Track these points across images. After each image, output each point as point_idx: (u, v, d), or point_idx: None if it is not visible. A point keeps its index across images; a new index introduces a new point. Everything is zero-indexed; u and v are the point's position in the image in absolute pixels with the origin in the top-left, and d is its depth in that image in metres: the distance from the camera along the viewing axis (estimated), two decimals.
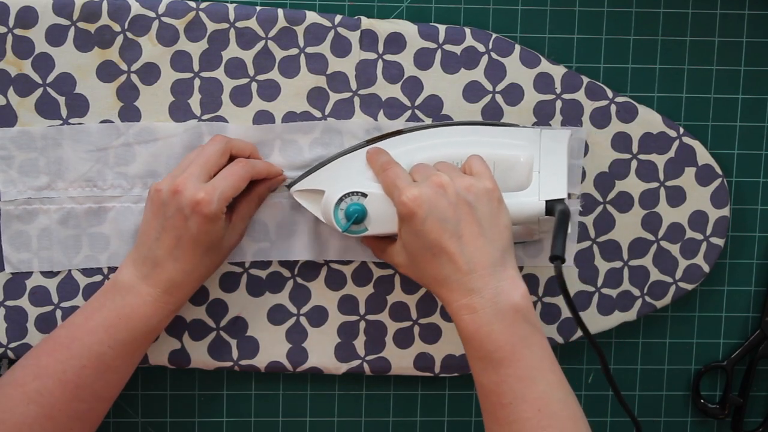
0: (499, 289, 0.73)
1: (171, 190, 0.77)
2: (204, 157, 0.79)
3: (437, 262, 0.75)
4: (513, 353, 0.72)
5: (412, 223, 0.75)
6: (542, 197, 0.79)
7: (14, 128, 0.83)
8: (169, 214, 0.77)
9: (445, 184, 0.75)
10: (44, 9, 0.82)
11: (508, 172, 0.81)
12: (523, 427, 0.71)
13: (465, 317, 0.74)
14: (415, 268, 0.77)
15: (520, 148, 0.82)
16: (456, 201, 0.74)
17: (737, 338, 0.92)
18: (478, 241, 0.74)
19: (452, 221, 0.74)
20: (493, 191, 0.76)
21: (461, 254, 0.74)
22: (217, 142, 0.80)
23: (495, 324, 0.73)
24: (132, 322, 0.78)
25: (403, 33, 0.84)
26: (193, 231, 0.77)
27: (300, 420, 0.91)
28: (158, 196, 0.78)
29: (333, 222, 0.80)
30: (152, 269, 0.78)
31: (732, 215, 0.90)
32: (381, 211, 0.79)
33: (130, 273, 0.79)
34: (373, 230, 0.80)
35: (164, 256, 0.78)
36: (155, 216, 0.78)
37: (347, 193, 0.80)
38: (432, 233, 0.74)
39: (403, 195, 0.75)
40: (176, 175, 0.78)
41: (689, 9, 0.87)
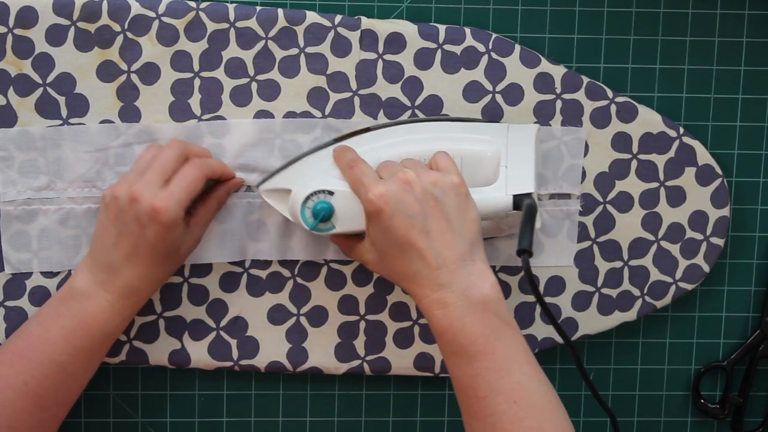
0: (469, 283, 0.73)
1: (128, 197, 0.76)
2: (160, 162, 0.78)
3: (406, 258, 0.74)
4: (486, 346, 0.72)
5: (380, 220, 0.75)
6: (509, 192, 0.79)
7: (14, 129, 0.83)
8: (126, 221, 0.77)
9: (411, 180, 0.75)
10: (44, 9, 0.82)
11: (476, 167, 0.81)
12: (500, 419, 0.71)
13: (436, 312, 0.74)
14: (385, 265, 0.77)
15: (487, 143, 0.82)
16: (422, 196, 0.74)
17: (737, 338, 0.92)
18: (446, 236, 0.74)
19: (419, 217, 0.74)
20: (459, 185, 0.76)
21: (430, 249, 0.74)
22: (174, 147, 0.80)
23: (467, 317, 0.73)
24: (91, 329, 0.78)
25: (403, 33, 0.84)
26: (151, 239, 0.77)
27: (300, 420, 0.91)
28: (115, 203, 0.77)
29: (300, 221, 0.80)
30: (109, 275, 0.78)
31: (732, 215, 0.90)
32: (348, 209, 0.79)
33: (86, 279, 0.78)
34: (340, 228, 0.80)
35: (121, 262, 0.77)
36: (112, 222, 0.77)
37: (314, 191, 0.80)
38: (400, 229, 0.74)
39: (370, 192, 0.75)
40: (132, 181, 0.78)
41: (689, 9, 0.87)
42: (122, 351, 0.86)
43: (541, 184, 0.86)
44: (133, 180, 0.78)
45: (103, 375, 0.89)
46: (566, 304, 0.89)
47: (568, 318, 0.89)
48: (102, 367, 0.89)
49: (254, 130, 0.84)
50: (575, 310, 0.89)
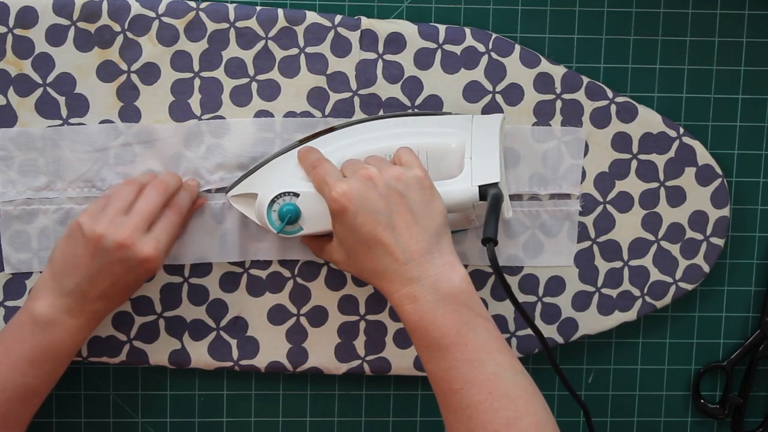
0: (438, 276, 0.73)
1: (115, 242, 0.76)
2: (148, 209, 0.78)
3: (374, 255, 0.74)
4: (459, 337, 0.72)
5: (345, 219, 0.75)
6: (475, 182, 0.78)
7: (14, 129, 0.83)
8: (110, 261, 0.76)
9: (373, 177, 0.75)
10: (44, 9, 0.82)
11: (441, 159, 0.81)
12: (476, 411, 0.71)
13: (407, 307, 0.74)
14: (354, 263, 0.77)
15: (452, 136, 0.81)
16: (386, 192, 0.74)
17: (737, 338, 0.92)
18: (412, 230, 0.74)
19: (384, 212, 0.74)
20: (423, 179, 0.76)
21: (397, 244, 0.74)
22: (161, 192, 0.80)
23: (438, 310, 0.73)
24: (55, 353, 0.78)
25: (403, 33, 0.84)
26: (131, 281, 0.78)
27: (300, 420, 0.91)
28: (99, 242, 0.76)
29: (267, 224, 0.80)
30: (77, 303, 0.77)
31: (732, 215, 0.90)
32: (314, 210, 0.79)
33: (50, 305, 0.77)
34: (308, 229, 0.80)
35: (96, 295, 0.77)
36: (90, 257, 0.77)
37: (279, 194, 0.79)
38: (365, 226, 0.74)
39: (333, 191, 0.75)
40: (119, 222, 0.77)
41: (689, 9, 0.87)
42: (122, 351, 0.87)
43: (541, 184, 0.86)
44: (118, 220, 0.77)
45: (103, 375, 0.89)
46: (566, 304, 0.89)
47: (568, 318, 0.89)
48: (102, 367, 0.89)
49: (254, 130, 0.84)
50: (575, 310, 0.89)
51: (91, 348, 0.86)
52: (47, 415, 0.89)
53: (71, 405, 0.89)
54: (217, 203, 0.85)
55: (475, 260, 0.87)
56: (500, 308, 0.88)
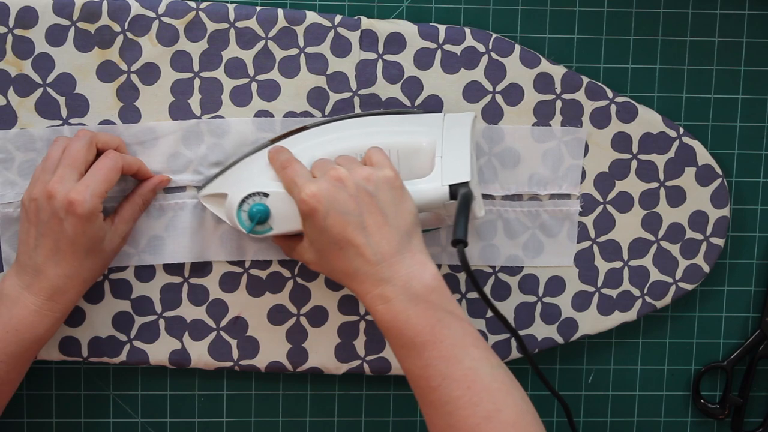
0: (409, 275, 0.73)
1: (45, 195, 0.76)
2: (71, 156, 0.78)
3: (345, 256, 0.74)
4: (433, 335, 0.72)
5: (315, 220, 0.75)
6: (445, 182, 0.78)
7: (14, 129, 0.83)
8: (45, 219, 0.77)
9: (343, 177, 0.74)
10: (44, 9, 0.82)
11: (412, 159, 0.80)
12: (455, 406, 0.71)
13: (379, 308, 0.74)
14: (325, 264, 0.77)
15: (422, 134, 0.80)
16: (356, 192, 0.74)
17: (737, 338, 0.92)
18: (383, 230, 0.74)
19: (354, 213, 0.74)
20: (393, 179, 0.75)
21: (367, 245, 0.74)
22: (81, 137, 0.80)
23: (410, 309, 0.73)
24: (20, 334, 0.77)
25: (403, 33, 0.84)
26: (70, 233, 0.77)
27: (300, 420, 0.91)
28: (33, 204, 0.77)
29: (237, 224, 0.79)
30: (34, 277, 0.77)
31: (732, 215, 0.90)
32: (284, 210, 0.78)
33: (12, 283, 0.78)
34: (278, 229, 0.79)
35: (44, 262, 0.77)
36: (32, 224, 0.77)
37: (249, 194, 0.79)
38: (335, 227, 0.74)
39: (302, 192, 0.75)
40: (45, 180, 0.77)
41: (689, 9, 0.87)
42: (122, 351, 0.87)
43: (540, 184, 0.86)
44: (45, 178, 0.78)
45: (103, 375, 0.89)
46: (566, 304, 0.89)
47: (568, 318, 0.89)
48: (102, 367, 0.89)
49: (254, 130, 0.84)
50: (575, 310, 0.89)
51: (91, 348, 0.86)
52: (47, 416, 0.89)
53: (71, 405, 0.89)
54: None
55: (475, 261, 0.87)
56: (501, 308, 0.88)
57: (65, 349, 0.86)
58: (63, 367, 0.89)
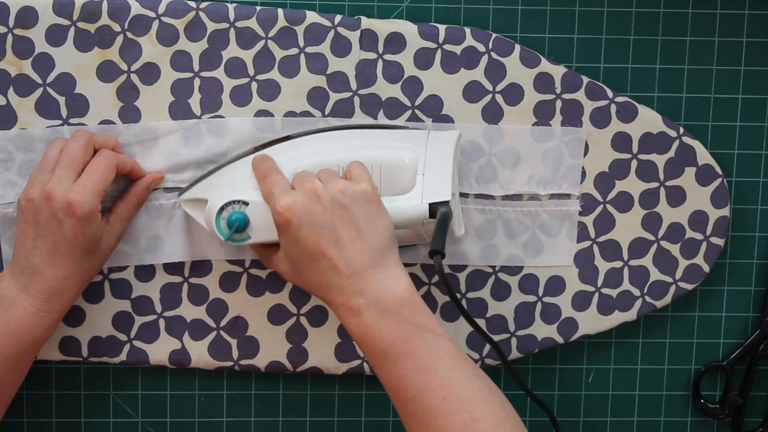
0: (381, 288, 0.73)
1: (43, 196, 0.76)
2: (68, 156, 0.78)
3: (318, 268, 0.74)
4: (407, 346, 0.72)
5: (289, 232, 0.75)
6: (425, 200, 0.78)
7: (14, 129, 0.83)
8: (43, 220, 0.77)
9: (318, 191, 0.75)
10: (44, 9, 0.82)
11: (394, 174, 0.80)
12: (432, 416, 0.71)
13: (351, 320, 0.74)
14: (299, 275, 0.77)
15: (406, 150, 0.81)
16: (331, 206, 0.74)
17: (737, 338, 0.92)
18: (356, 244, 0.74)
19: (328, 226, 0.74)
20: (369, 193, 0.75)
21: (340, 258, 0.74)
22: (79, 138, 0.80)
23: (382, 322, 0.73)
24: (18, 336, 0.77)
25: (403, 33, 0.84)
26: (69, 234, 0.77)
27: (300, 420, 0.91)
28: (30, 204, 0.77)
29: (215, 230, 0.79)
30: (31, 278, 0.77)
31: (732, 215, 0.90)
32: (263, 220, 0.78)
33: (9, 285, 0.78)
34: (255, 238, 0.79)
35: (42, 263, 0.77)
36: (29, 225, 0.77)
37: (229, 201, 0.79)
38: (309, 240, 0.74)
39: (277, 204, 0.75)
40: (43, 180, 0.78)
41: (689, 9, 0.87)
42: (122, 351, 0.87)
43: (540, 184, 0.86)
44: (43, 179, 0.78)
45: (103, 375, 0.89)
46: (566, 304, 0.89)
47: (568, 318, 0.89)
48: (102, 367, 0.89)
49: (254, 130, 0.84)
50: (575, 310, 0.89)
51: (91, 348, 0.86)
52: (47, 416, 0.89)
53: (71, 405, 0.89)
54: None
55: (475, 261, 0.87)
56: (500, 308, 0.88)
57: (65, 349, 0.86)
58: (63, 367, 0.89)
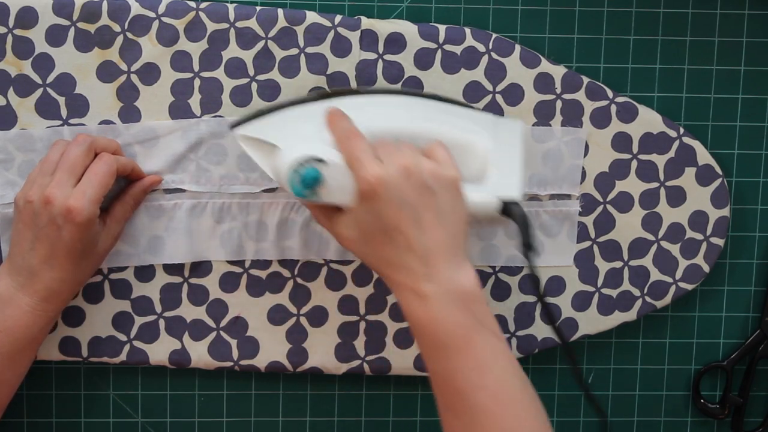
0: (451, 278, 0.72)
1: (42, 200, 0.76)
2: (69, 161, 0.78)
3: (392, 246, 0.73)
4: (466, 341, 0.71)
5: (372, 203, 0.73)
6: (498, 194, 0.77)
7: (14, 130, 0.83)
8: (42, 224, 0.77)
9: (410, 168, 0.72)
10: (44, 9, 0.82)
11: (465, 160, 0.78)
12: (478, 415, 0.70)
13: (415, 304, 0.72)
14: (366, 247, 0.75)
15: (478, 135, 0.79)
16: (420, 186, 0.72)
17: (737, 338, 0.92)
18: (435, 230, 0.72)
19: (413, 206, 0.72)
20: (456, 181, 0.74)
21: (418, 241, 0.72)
22: (80, 142, 0.79)
23: (447, 311, 0.72)
24: (14, 334, 0.78)
25: (403, 33, 0.84)
26: (67, 239, 0.77)
27: (300, 420, 0.91)
28: (29, 207, 0.77)
29: (286, 184, 0.76)
30: (28, 279, 0.78)
31: (732, 215, 0.90)
32: (338, 182, 0.75)
33: (6, 284, 0.78)
34: (326, 199, 0.76)
35: (39, 265, 0.77)
36: (27, 226, 0.77)
37: (306, 157, 0.75)
38: (390, 215, 0.72)
39: (368, 173, 0.72)
40: (43, 182, 0.77)
41: (689, 9, 0.87)
42: (122, 351, 0.87)
43: (540, 184, 0.86)
44: (43, 182, 0.78)
45: (103, 375, 0.89)
46: (566, 304, 0.89)
47: (568, 318, 0.89)
48: (102, 367, 0.89)
49: None
50: (575, 310, 0.89)
51: (91, 348, 0.86)
52: (47, 416, 0.89)
53: (71, 405, 0.89)
54: (217, 203, 0.85)
55: (475, 261, 0.87)
56: (501, 308, 0.88)
57: (65, 349, 0.86)
58: (63, 367, 0.89)
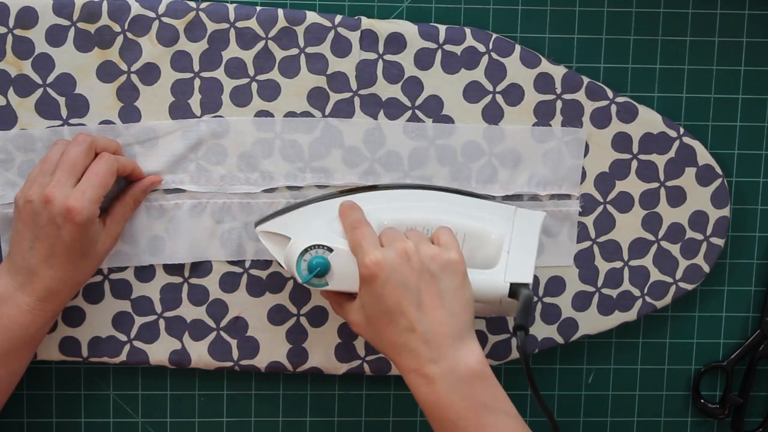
0: (457, 359, 0.73)
1: (42, 199, 0.76)
2: (69, 160, 0.78)
3: (395, 328, 0.74)
4: (477, 421, 0.72)
5: (373, 286, 0.74)
6: (508, 279, 0.78)
7: (14, 130, 0.83)
8: (42, 223, 0.77)
9: (409, 252, 0.74)
10: (44, 9, 0.82)
11: (478, 247, 0.80)
12: None
13: (422, 388, 0.73)
14: (372, 331, 0.76)
15: (493, 224, 0.81)
16: (419, 269, 0.74)
17: (737, 338, 0.92)
18: (438, 312, 0.73)
19: (413, 289, 0.73)
20: (458, 264, 0.75)
21: (420, 323, 0.73)
22: (81, 142, 0.79)
23: (455, 393, 0.72)
24: (11, 332, 0.78)
25: (404, 33, 0.84)
26: (67, 239, 0.77)
27: (300, 420, 0.91)
28: (29, 206, 0.77)
29: (294, 272, 0.78)
30: (27, 278, 0.78)
31: (732, 215, 0.90)
32: (344, 268, 0.78)
33: (5, 283, 0.78)
34: (333, 286, 0.78)
35: (39, 264, 0.77)
36: (27, 226, 0.77)
37: (313, 245, 0.78)
38: (391, 298, 0.74)
39: (367, 257, 0.74)
40: (43, 182, 0.78)
41: (689, 9, 0.87)
42: (122, 351, 0.87)
43: (540, 184, 0.86)
44: (43, 181, 0.78)
45: (103, 375, 0.89)
46: (566, 304, 0.89)
47: (568, 318, 0.89)
48: (102, 367, 0.89)
49: (254, 130, 0.84)
50: (575, 310, 0.89)
51: (91, 348, 0.86)
52: (47, 416, 0.89)
53: (71, 405, 0.89)
54: (217, 203, 0.85)
55: None
56: None
57: (65, 349, 0.86)
58: (63, 367, 0.89)
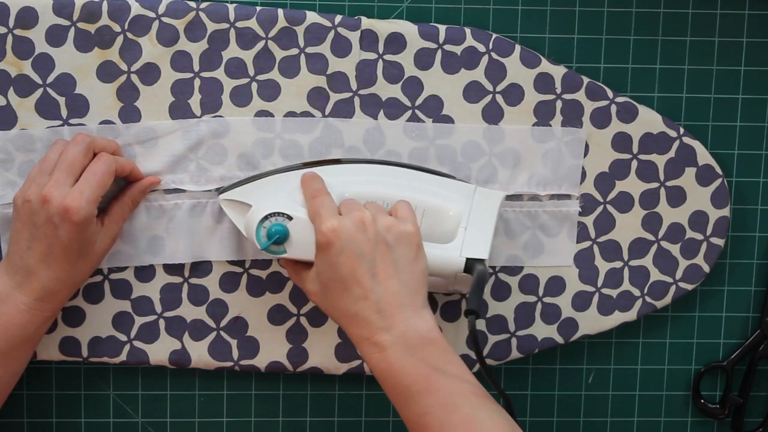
0: (407, 326, 0.74)
1: (39, 199, 0.77)
2: (68, 160, 0.78)
3: (348, 296, 0.75)
4: (430, 383, 0.72)
5: (328, 254, 0.75)
6: (463, 254, 0.79)
7: (14, 130, 0.83)
8: (39, 223, 0.77)
9: (366, 221, 0.75)
10: (44, 9, 0.82)
11: (436, 222, 0.81)
12: None
13: (374, 355, 0.74)
14: (326, 299, 0.77)
15: (452, 201, 0.82)
16: (375, 239, 0.75)
17: (737, 338, 0.92)
18: (390, 281, 0.74)
19: (368, 258, 0.74)
20: (413, 236, 0.76)
21: (373, 291, 0.74)
22: (79, 142, 0.80)
23: (406, 359, 0.73)
24: (9, 332, 0.78)
25: (404, 33, 0.84)
26: (64, 239, 0.77)
27: (300, 420, 0.91)
28: (27, 206, 0.77)
29: (254, 238, 0.79)
30: (25, 278, 0.78)
31: (732, 215, 0.90)
32: (303, 237, 0.79)
33: (3, 282, 0.78)
34: (291, 254, 0.79)
35: (36, 264, 0.77)
36: (25, 225, 0.78)
37: (273, 212, 0.79)
38: (346, 266, 0.74)
39: (323, 224, 0.75)
40: (41, 182, 0.78)
41: (689, 9, 0.87)
42: (122, 351, 0.87)
43: (540, 184, 0.86)
44: (41, 181, 0.78)
45: (103, 375, 0.89)
46: (566, 304, 0.89)
47: (568, 318, 0.89)
48: (102, 367, 0.89)
49: (254, 130, 0.84)
50: (575, 310, 0.89)
51: (91, 348, 0.86)
52: (47, 416, 0.89)
53: (71, 405, 0.89)
54: (217, 203, 0.85)
55: None
56: (501, 308, 0.88)
57: (65, 349, 0.86)
58: (63, 367, 0.89)
